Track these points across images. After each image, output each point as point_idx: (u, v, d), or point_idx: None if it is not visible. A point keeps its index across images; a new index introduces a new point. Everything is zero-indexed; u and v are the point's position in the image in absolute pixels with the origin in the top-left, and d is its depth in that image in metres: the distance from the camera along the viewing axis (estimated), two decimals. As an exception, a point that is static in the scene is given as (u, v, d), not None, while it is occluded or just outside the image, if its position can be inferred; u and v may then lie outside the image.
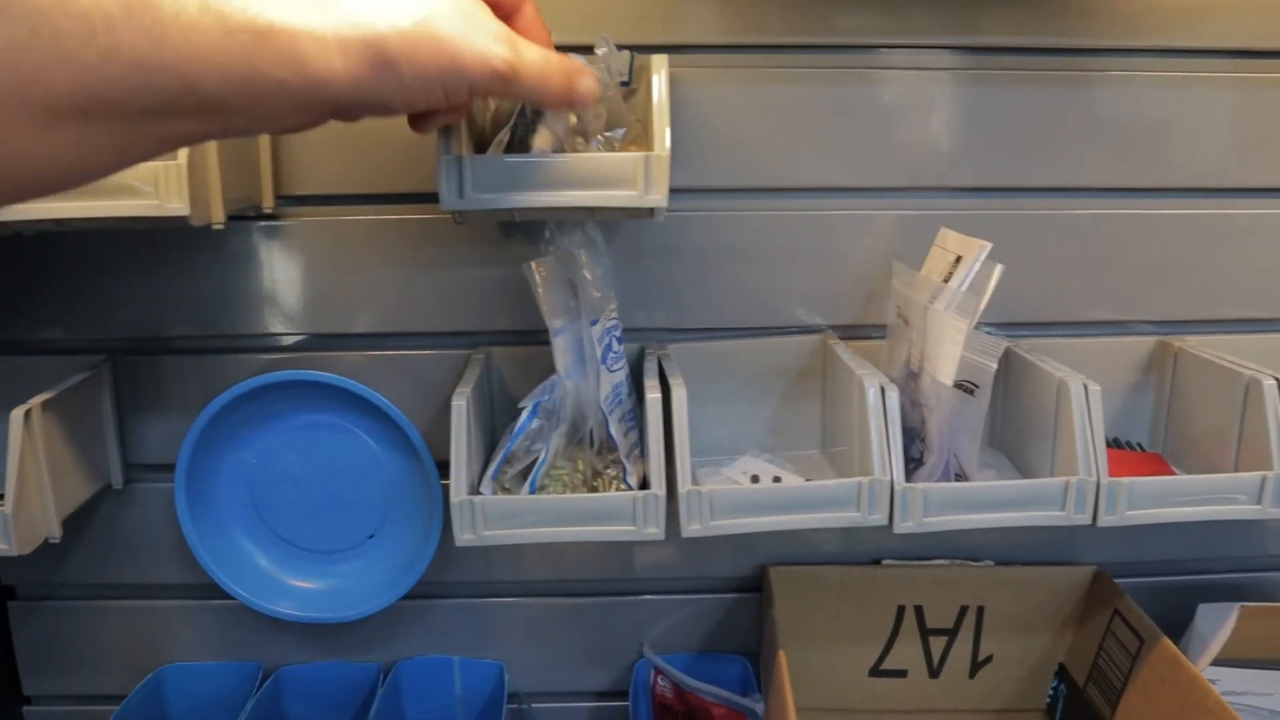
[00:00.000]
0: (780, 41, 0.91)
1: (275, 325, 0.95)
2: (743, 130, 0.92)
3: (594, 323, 0.81)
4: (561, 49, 0.82)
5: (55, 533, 0.85)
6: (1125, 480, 0.81)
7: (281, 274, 0.94)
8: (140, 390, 0.96)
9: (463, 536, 0.78)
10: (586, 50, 0.78)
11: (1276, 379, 0.83)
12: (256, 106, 0.45)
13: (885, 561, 1.02)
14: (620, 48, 0.78)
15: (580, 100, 0.64)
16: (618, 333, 0.85)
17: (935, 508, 0.80)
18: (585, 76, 0.64)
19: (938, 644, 1.03)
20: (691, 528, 0.78)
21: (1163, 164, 0.95)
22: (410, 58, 0.49)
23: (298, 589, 0.98)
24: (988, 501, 0.81)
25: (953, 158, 0.94)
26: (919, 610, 1.02)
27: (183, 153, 0.74)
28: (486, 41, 0.53)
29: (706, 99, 0.91)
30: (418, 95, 0.51)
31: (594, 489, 0.84)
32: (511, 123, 0.75)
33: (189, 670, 1.04)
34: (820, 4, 0.90)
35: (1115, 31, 0.92)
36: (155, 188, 0.74)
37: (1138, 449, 0.98)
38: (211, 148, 0.78)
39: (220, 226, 0.79)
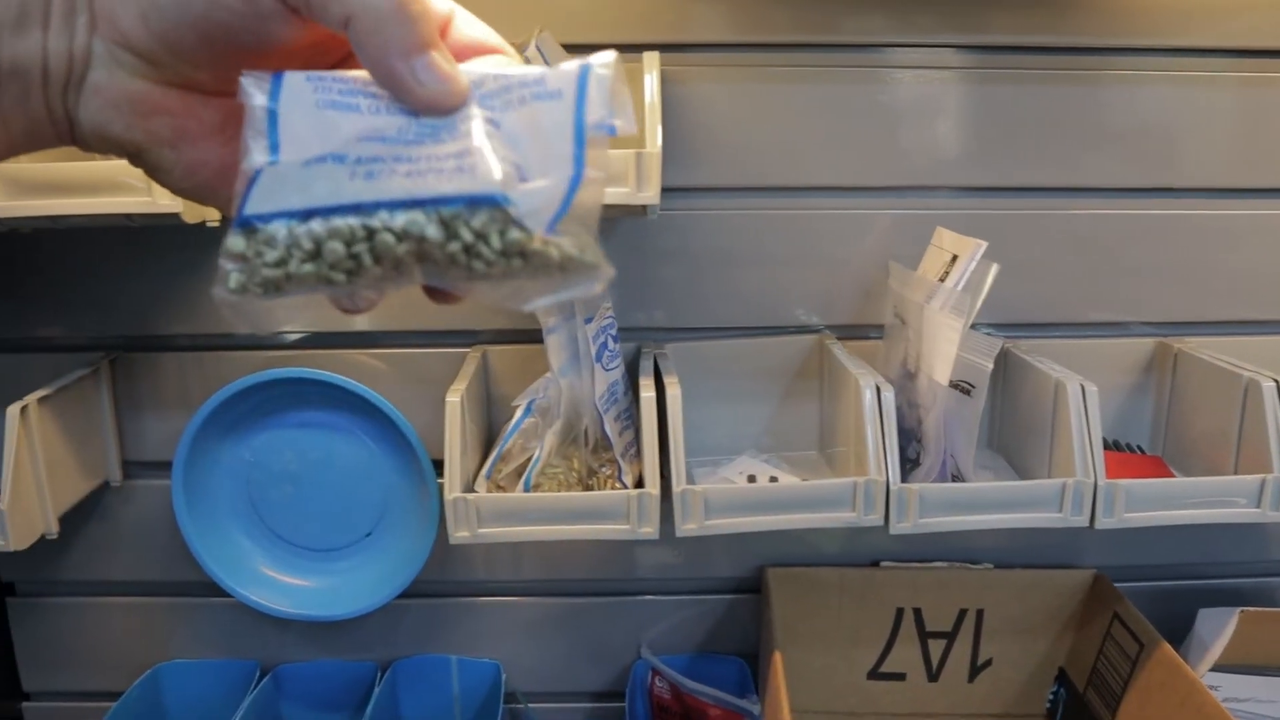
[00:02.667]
0: (781, 40, 0.91)
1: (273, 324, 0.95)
2: (742, 129, 0.92)
3: (588, 321, 0.81)
4: (571, 48, 0.83)
5: (53, 529, 0.85)
6: (1123, 482, 0.80)
7: (280, 272, 0.94)
8: (138, 387, 0.97)
9: (457, 534, 0.78)
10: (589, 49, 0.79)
11: (1276, 380, 0.83)
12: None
13: (884, 563, 1.02)
14: (623, 48, 0.78)
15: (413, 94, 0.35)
16: (613, 331, 0.85)
17: (931, 509, 0.79)
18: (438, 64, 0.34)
19: (937, 647, 1.03)
20: (686, 527, 0.78)
21: (1163, 164, 0.95)
22: None
23: (295, 587, 0.98)
24: (984, 503, 0.80)
25: (952, 157, 0.94)
26: (918, 613, 1.01)
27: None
28: None
29: (707, 98, 0.91)
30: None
31: (589, 488, 0.83)
32: None
33: (186, 668, 1.04)
34: (823, 4, 0.90)
35: (1116, 31, 0.91)
36: (148, 184, 0.74)
37: (1137, 451, 0.97)
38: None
39: (215, 224, 0.79)
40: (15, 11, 0.32)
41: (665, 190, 0.91)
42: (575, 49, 0.86)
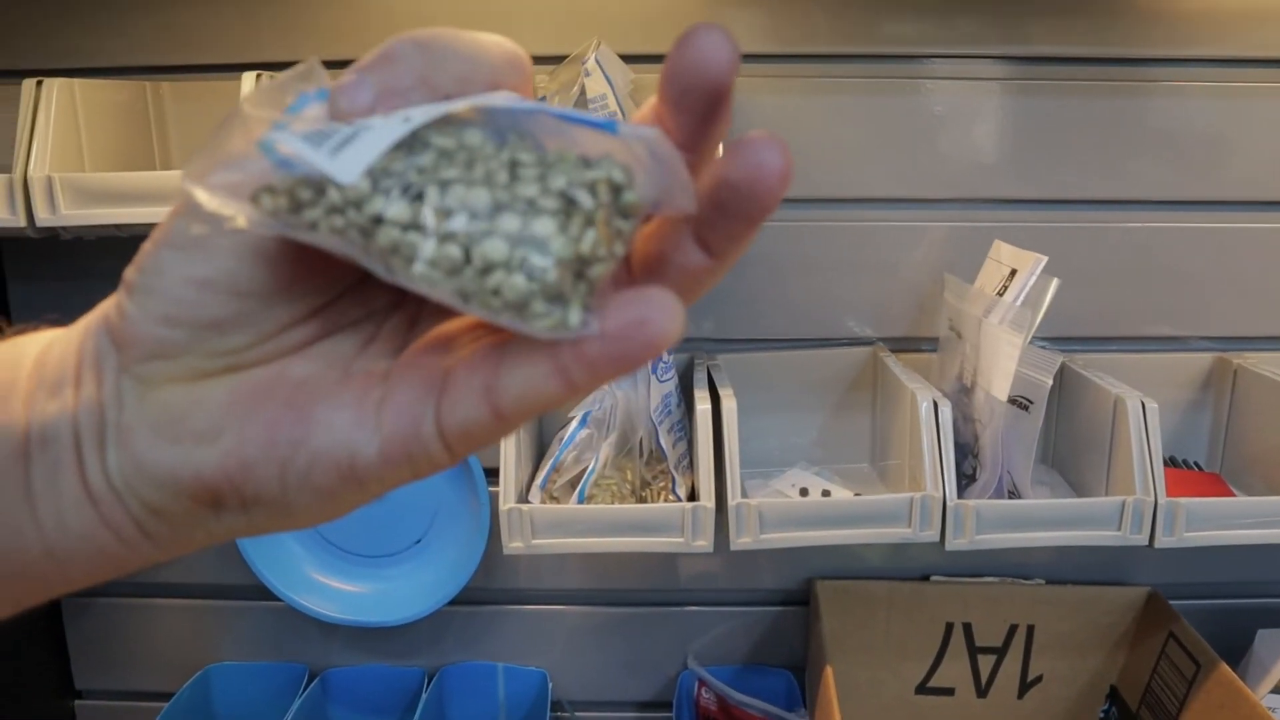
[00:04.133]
0: (829, 51, 0.90)
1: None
2: (793, 140, 0.92)
3: (644, 333, 0.80)
4: (627, 59, 0.84)
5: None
6: (1184, 500, 0.79)
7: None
8: (194, 393, 0.98)
9: (511, 545, 0.78)
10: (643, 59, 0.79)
11: (1342, 399, 0.81)
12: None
13: (934, 578, 1.01)
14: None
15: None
16: (667, 343, 0.85)
17: (988, 525, 0.79)
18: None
19: (986, 662, 1.02)
20: (741, 541, 0.78)
21: (1221, 176, 0.93)
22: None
23: (344, 592, 0.99)
24: (1042, 520, 0.79)
25: (1004, 169, 0.93)
26: (968, 628, 1.00)
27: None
28: None
29: (756, 109, 0.91)
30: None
31: (642, 499, 0.83)
32: None
33: (236, 670, 1.05)
34: (870, 14, 0.89)
35: (1170, 41, 0.90)
36: (214, 194, 0.74)
37: (1195, 468, 0.96)
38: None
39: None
40: (54, 378, 0.28)
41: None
42: (631, 59, 0.86)
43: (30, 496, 0.27)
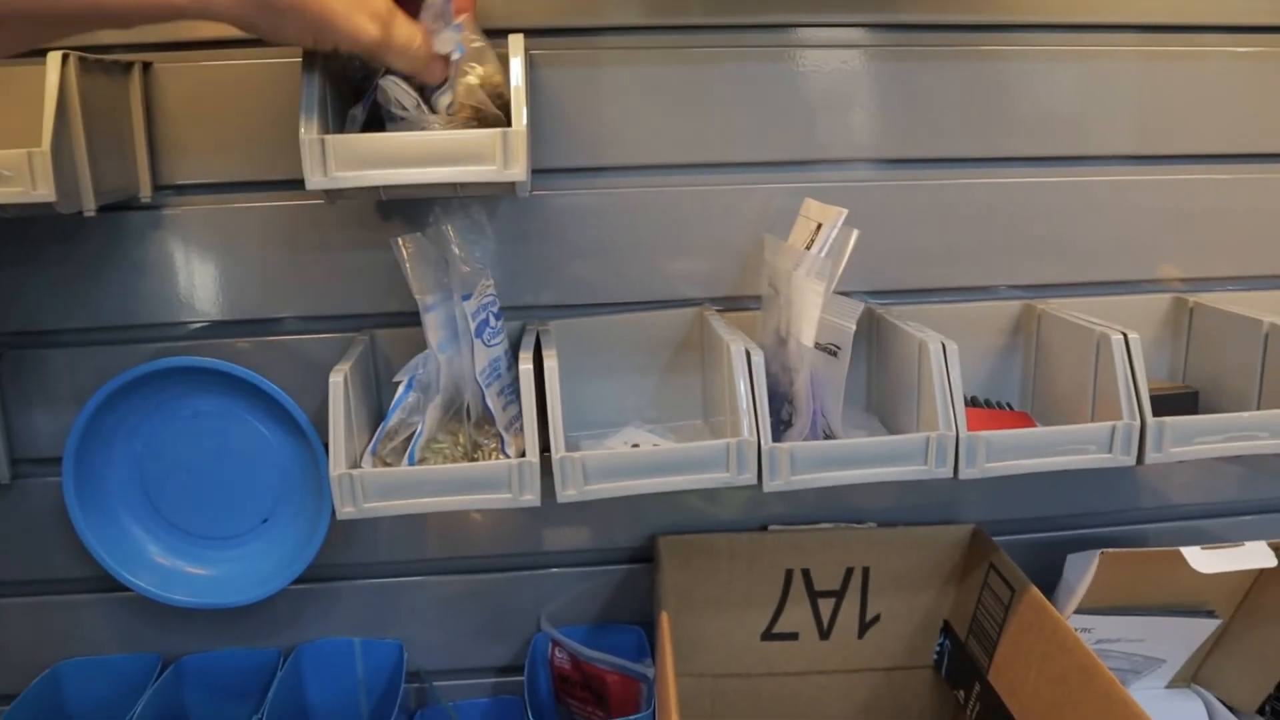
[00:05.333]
0: (656, 23, 0.93)
1: (161, 315, 0.96)
2: (623, 109, 0.95)
3: (466, 298, 0.83)
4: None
5: (-64, 526, 0.85)
6: (983, 434, 0.85)
7: (164, 263, 0.95)
8: (26, 384, 0.96)
9: (344, 510, 0.80)
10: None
11: (1124, 334, 0.87)
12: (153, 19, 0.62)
13: (772, 527, 1.05)
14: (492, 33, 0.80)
15: (429, 77, 0.77)
16: (495, 309, 0.87)
17: (802, 466, 0.83)
18: (436, 62, 0.76)
19: (826, 605, 1.06)
20: (567, 493, 0.80)
21: (1024, 133, 1.00)
22: (295, 10, 0.64)
23: (193, 576, 0.99)
24: (853, 458, 0.84)
25: (825, 132, 0.98)
26: (806, 573, 1.05)
27: (46, 139, 0.74)
28: (362, 19, 0.68)
29: (586, 79, 0.94)
30: (290, 37, 0.67)
31: (474, 461, 0.85)
32: (367, 97, 0.77)
33: (86, 665, 1.03)
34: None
35: (980, 6, 0.96)
36: (21, 174, 0.74)
37: (1007, 408, 1.02)
38: (79, 137, 0.78)
39: (91, 213, 0.80)
40: None
41: (552, 171, 0.94)
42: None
43: None
